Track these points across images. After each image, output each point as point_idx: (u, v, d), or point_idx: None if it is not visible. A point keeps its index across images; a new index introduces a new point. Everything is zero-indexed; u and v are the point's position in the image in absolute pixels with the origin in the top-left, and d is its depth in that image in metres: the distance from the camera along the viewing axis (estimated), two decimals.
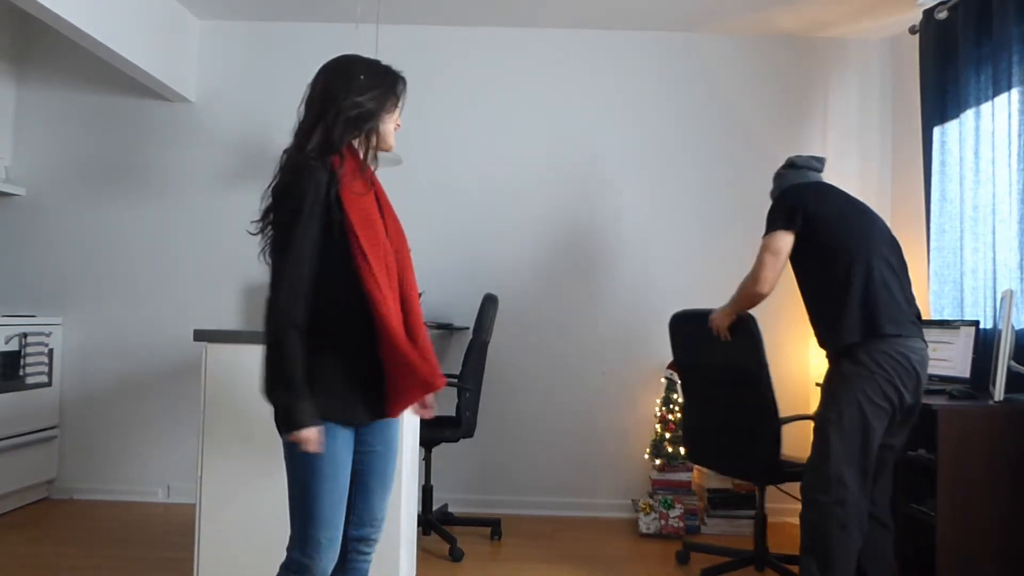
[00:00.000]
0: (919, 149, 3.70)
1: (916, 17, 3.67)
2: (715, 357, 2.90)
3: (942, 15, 3.40)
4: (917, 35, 3.66)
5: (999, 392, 2.63)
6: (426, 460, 3.53)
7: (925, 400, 2.68)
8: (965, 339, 3.00)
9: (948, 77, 3.43)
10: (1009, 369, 2.66)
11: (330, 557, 1.71)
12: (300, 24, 4.20)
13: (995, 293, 3.02)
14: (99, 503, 4.02)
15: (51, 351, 4.01)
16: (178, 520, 3.73)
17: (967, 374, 2.95)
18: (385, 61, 1.89)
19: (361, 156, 1.80)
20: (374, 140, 1.80)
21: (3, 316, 3.72)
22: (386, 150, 1.86)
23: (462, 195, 4.19)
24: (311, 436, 1.63)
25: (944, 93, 3.45)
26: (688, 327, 3.04)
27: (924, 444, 2.71)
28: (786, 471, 2.84)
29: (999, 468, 2.58)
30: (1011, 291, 2.71)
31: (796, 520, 3.96)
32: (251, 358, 2.47)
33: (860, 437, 2.38)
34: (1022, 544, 2.57)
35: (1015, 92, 2.94)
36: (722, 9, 3.90)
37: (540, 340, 4.13)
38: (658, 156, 4.18)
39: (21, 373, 3.77)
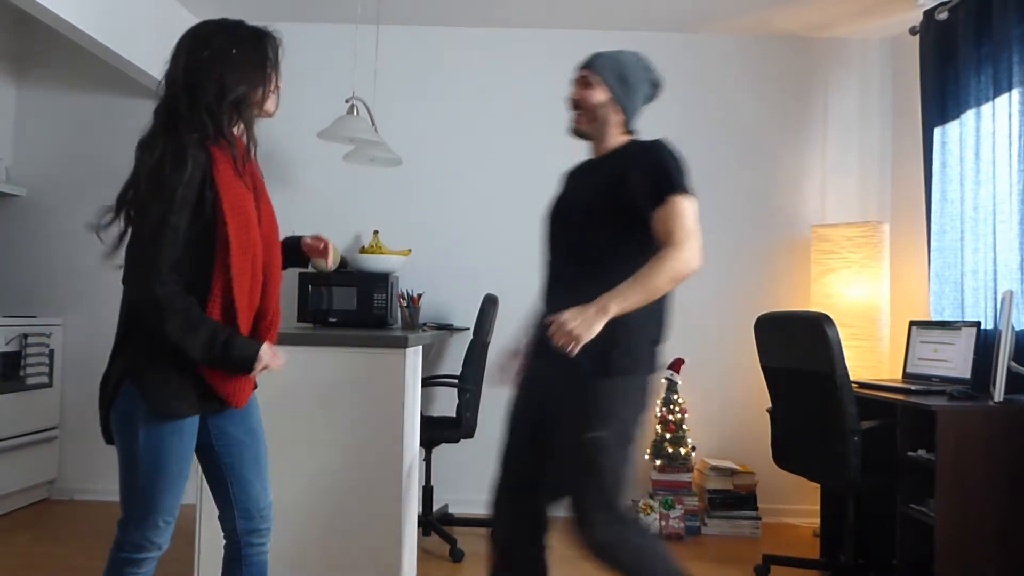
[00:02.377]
0: (919, 149, 3.70)
1: (916, 18, 3.67)
2: (794, 360, 2.89)
3: (942, 16, 3.40)
4: (917, 36, 3.66)
5: (999, 393, 2.63)
6: (426, 460, 3.53)
7: (925, 400, 2.69)
8: (966, 340, 3.00)
9: (948, 78, 3.43)
10: (1009, 370, 2.66)
11: (166, 536, 1.74)
12: (300, 24, 4.20)
13: (996, 294, 3.02)
14: (99, 504, 4.02)
15: (51, 352, 4.01)
16: (178, 520, 3.72)
17: (968, 375, 2.95)
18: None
19: (236, 134, 1.73)
20: (254, 112, 1.76)
21: (3, 316, 3.72)
22: (267, 116, 1.82)
23: (462, 195, 4.19)
24: (266, 357, 1.67)
25: (944, 94, 3.45)
26: (770, 329, 3.02)
27: (924, 444, 2.71)
28: (874, 483, 2.80)
29: (999, 469, 2.57)
30: (1011, 292, 2.71)
31: (797, 520, 3.98)
32: None
33: (628, 458, 1.99)
34: (1022, 544, 2.57)
35: (1015, 93, 2.94)
36: (722, 10, 3.90)
37: None
38: None
39: (21, 374, 3.77)
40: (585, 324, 1.77)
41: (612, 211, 1.95)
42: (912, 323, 3.34)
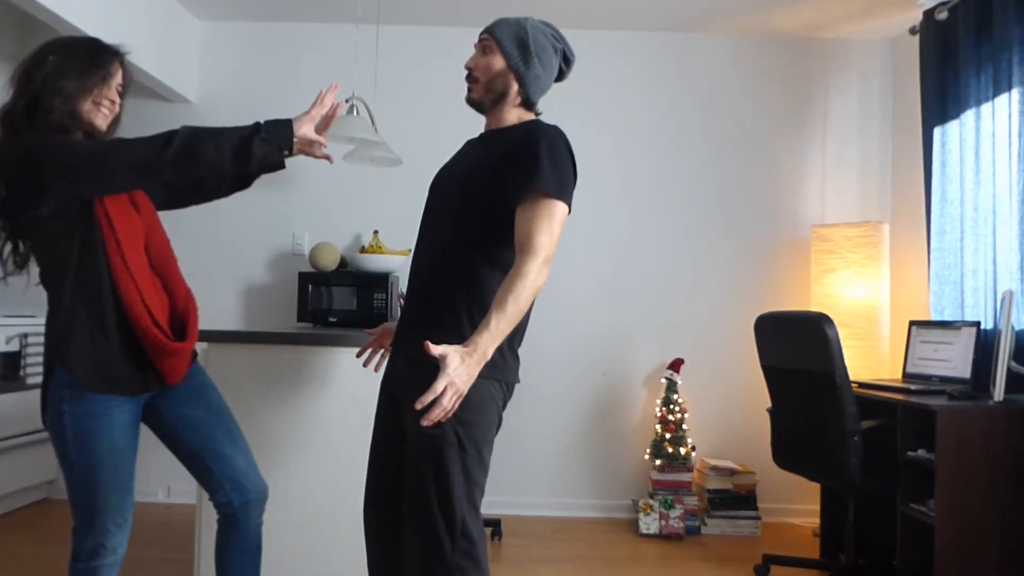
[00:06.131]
0: (919, 150, 3.70)
1: (916, 18, 3.67)
2: (794, 360, 2.89)
3: (942, 16, 3.40)
4: (917, 36, 3.66)
5: (999, 393, 2.64)
6: None
7: (925, 400, 2.69)
8: (966, 340, 3.01)
9: (948, 78, 3.43)
10: (1009, 370, 2.66)
11: (120, 539, 1.73)
12: (300, 24, 4.20)
13: (995, 294, 3.02)
14: None
15: None
16: (178, 520, 3.73)
17: (968, 375, 2.95)
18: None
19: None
20: (55, 118, 1.71)
21: (3, 316, 3.71)
22: (94, 132, 1.79)
23: None
24: (306, 129, 1.82)
25: (944, 94, 3.45)
26: (770, 329, 3.03)
27: (924, 444, 2.71)
28: (874, 483, 2.79)
29: (999, 468, 2.58)
30: (1011, 292, 2.71)
31: (797, 520, 3.98)
32: (252, 358, 2.48)
33: (485, 471, 1.70)
34: (1022, 544, 2.57)
35: (1015, 92, 2.94)
36: (722, 10, 3.90)
37: (540, 340, 4.13)
38: (657, 157, 4.18)
39: (21, 373, 3.77)
40: (468, 380, 1.51)
41: (485, 194, 1.71)
42: (912, 323, 3.34)
